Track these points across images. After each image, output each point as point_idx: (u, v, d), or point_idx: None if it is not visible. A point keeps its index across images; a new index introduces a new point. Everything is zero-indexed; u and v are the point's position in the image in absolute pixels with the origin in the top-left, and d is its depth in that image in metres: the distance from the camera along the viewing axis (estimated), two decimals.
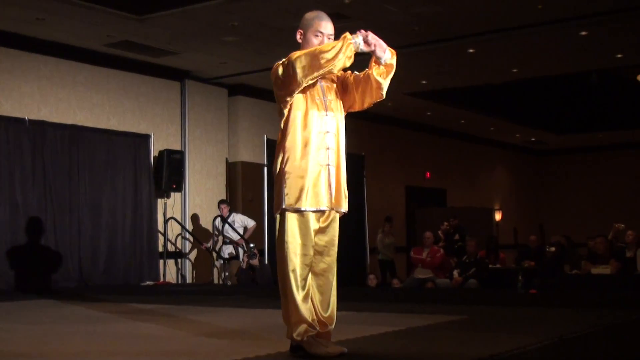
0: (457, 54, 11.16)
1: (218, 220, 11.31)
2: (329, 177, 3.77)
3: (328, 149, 3.77)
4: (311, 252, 3.71)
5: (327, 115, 3.80)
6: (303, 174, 3.71)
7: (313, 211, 3.73)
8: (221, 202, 11.43)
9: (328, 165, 3.77)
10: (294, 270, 3.65)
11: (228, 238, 11.17)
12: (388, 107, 15.15)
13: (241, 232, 11.15)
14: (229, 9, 8.91)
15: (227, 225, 11.15)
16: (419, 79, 12.89)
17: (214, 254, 11.46)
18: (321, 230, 3.77)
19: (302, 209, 3.70)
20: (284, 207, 3.68)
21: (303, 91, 3.73)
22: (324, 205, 3.75)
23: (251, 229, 11.28)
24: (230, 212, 11.43)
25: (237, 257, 11.13)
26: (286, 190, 3.68)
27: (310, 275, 3.74)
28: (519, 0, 8.81)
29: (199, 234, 11.81)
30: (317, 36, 3.80)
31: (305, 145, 3.72)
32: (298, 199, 3.69)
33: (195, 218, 11.97)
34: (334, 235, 3.82)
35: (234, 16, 9.18)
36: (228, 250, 11.18)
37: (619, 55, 11.44)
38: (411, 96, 14.10)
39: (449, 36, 10.19)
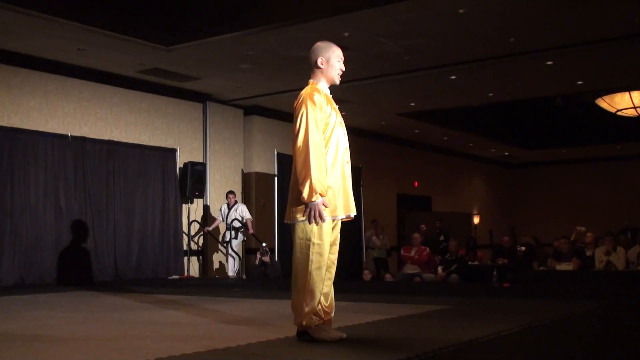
0: (441, 80, 11.16)
1: (224, 207, 11.35)
2: (352, 187, 3.78)
3: (348, 162, 3.79)
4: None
5: (344, 133, 3.82)
6: (338, 186, 3.69)
7: (344, 218, 3.72)
8: (229, 192, 11.40)
9: (350, 176, 3.79)
10: (319, 268, 3.61)
11: (231, 225, 11.15)
12: (382, 126, 15.21)
13: (239, 220, 11.15)
14: (244, 41, 8.94)
15: (231, 212, 11.18)
16: (408, 102, 12.91)
17: (222, 244, 11.49)
18: None
19: (339, 217, 3.69)
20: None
21: (330, 114, 3.70)
22: (353, 212, 3.74)
23: (248, 221, 11.24)
24: (236, 202, 11.43)
25: (236, 237, 11.14)
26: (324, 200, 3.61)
27: None
28: (494, 34, 8.83)
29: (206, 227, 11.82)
30: (339, 61, 3.83)
31: (335, 160, 3.69)
32: (335, 207, 3.67)
33: (206, 208, 11.97)
34: (337, 235, 3.80)
35: (248, 47, 9.21)
36: (232, 234, 11.19)
37: (580, 82, 11.44)
38: (402, 116, 14.12)
39: (434, 65, 10.20)
